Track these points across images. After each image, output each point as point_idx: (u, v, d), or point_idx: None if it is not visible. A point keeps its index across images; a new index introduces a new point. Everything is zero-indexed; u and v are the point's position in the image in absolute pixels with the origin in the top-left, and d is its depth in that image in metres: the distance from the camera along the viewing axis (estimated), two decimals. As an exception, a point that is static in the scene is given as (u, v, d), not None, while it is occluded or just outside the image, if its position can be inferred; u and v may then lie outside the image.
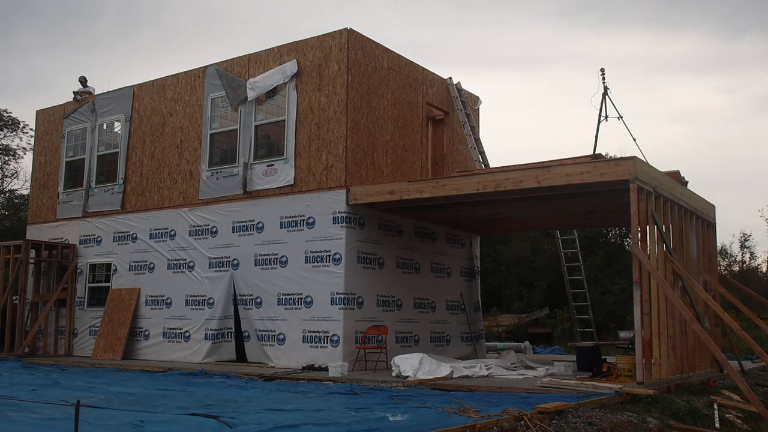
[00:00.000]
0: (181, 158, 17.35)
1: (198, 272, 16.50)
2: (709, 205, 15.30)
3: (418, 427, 7.46)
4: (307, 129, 15.15)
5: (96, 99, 19.48)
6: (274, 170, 15.57)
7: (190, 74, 17.51)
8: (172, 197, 17.36)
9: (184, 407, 8.96)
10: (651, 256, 11.23)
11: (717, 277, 15.33)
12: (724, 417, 9.40)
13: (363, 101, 15.09)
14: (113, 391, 10.93)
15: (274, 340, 15.00)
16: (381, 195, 14.11)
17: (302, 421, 7.74)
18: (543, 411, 8.17)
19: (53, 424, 7.65)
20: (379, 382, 11.92)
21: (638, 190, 11.08)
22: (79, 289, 19.00)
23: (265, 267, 15.38)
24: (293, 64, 15.49)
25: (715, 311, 12.34)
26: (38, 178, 20.68)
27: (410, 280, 16.10)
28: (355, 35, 15.06)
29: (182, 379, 13.11)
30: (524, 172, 12.48)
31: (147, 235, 17.65)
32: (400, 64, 16.38)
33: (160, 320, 17.00)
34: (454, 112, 17.94)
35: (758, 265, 38.55)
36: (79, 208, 19.29)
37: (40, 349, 18.94)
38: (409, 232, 16.24)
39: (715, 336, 14.08)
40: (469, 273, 18.37)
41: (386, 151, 15.64)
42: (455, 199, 13.57)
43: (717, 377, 12.77)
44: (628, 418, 8.55)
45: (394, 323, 15.36)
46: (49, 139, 20.52)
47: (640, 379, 10.64)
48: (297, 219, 15.04)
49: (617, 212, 14.27)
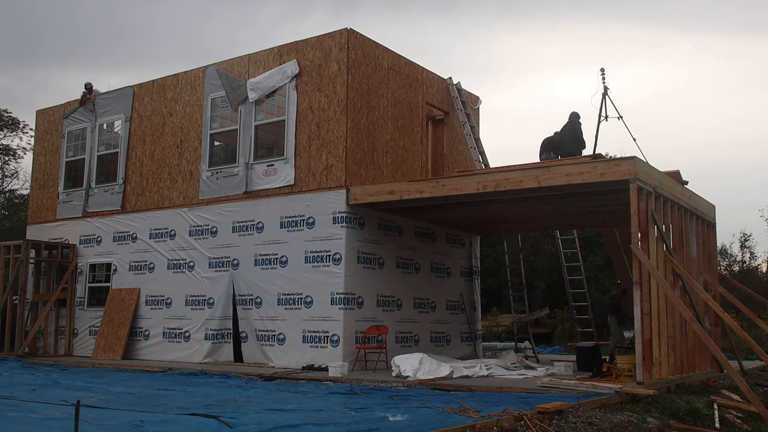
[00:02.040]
0: (181, 158, 17.35)
1: (198, 272, 16.50)
2: (709, 205, 15.31)
3: (418, 427, 7.46)
4: (307, 129, 15.15)
5: (96, 99, 19.49)
6: (274, 170, 15.57)
7: (190, 74, 17.51)
8: (172, 197, 17.36)
9: (184, 407, 8.95)
10: (651, 256, 11.23)
11: (717, 277, 15.33)
12: (724, 417, 9.40)
13: (363, 101, 15.09)
14: (113, 391, 10.93)
15: (274, 340, 15.00)
16: (381, 195, 14.11)
17: (302, 421, 7.74)
18: (543, 411, 8.18)
19: (53, 424, 7.65)
20: (379, 382, 11.92)
21: (638, 190, 11.08)
22: (79, 289, 19.00)
23: (265, 267, 15.38)
24: (294, 64, 15.49)
25: (715, 311, 12.35)
26: (38, 178, 20.68)
27: (410, 280, 16.09)
28: (355, 35, 15.05)
29: (182, 379, 13.11)
30: (524, 172, 12.48)
31: (147, 235, 17.65)
32: (400, 64, 16.38)
33: (160, 320, 17.00)
34: (454, 112, 17.93)
35: (758, 265, 38.59)
36: (79, 208, 19.28)
37: (40, 349, 18.94)
38: (409, 232, 16.24)
39: (715, 336, 14.08)
40: (469, 273, 18.37)
41: (386, 151, 15.64)
42: (455, 199, 13.57)
43: (717, 377, 12.77)
44: (628, 418, 8.55)
45: (394, 323, 15.35)
46: (49, 139, 20.52)
47: (640, 379, 10.64)
48: (297, 219, 15.04)
49: (617, 212, 14.26)
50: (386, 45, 15.94)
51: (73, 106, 20.03)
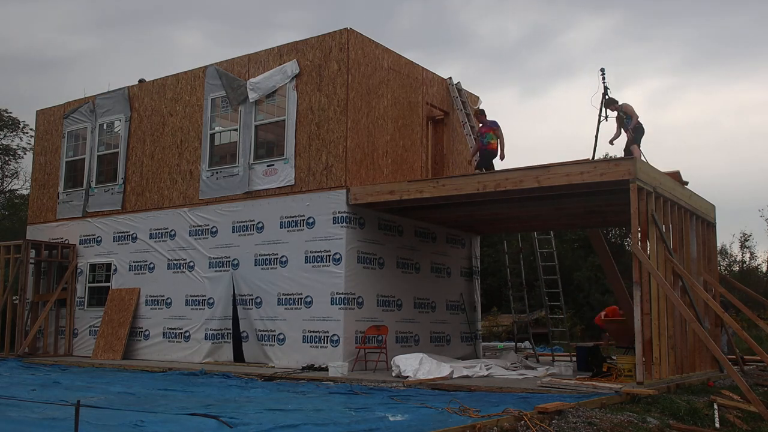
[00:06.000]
0: (181, 158, 17.35)
1: (198, 272, 16.50)
2: (709, 205, 15.31)
3: (418, 427, 7.46)
4: (307, 129, 15.15)
5: (96, 99, 19.48)
6: (274, 170, 15.57)
7: (190, 74, 17.51)
8: (172, 197, 17.36)
9: (184, 407, 8.95)
10: (651, 256, 11.23)
11: (717, 277, 15.33)
12: (724, 417, 9.39)
13: (363, 101, 15.09)
14: (113, 391, 10.93)
15: (274, 340, 15.00)
16: (381, 195, 14.11)
17: (302, 421, 7.74)
18: (543, 411, 8.17)
19: (53, 424, 7.64)
20: (379, 382, 11.93)
21: (638, 190, 11.08)
22: (79, 289, 19.00)
23: (265, 267, 15.38)
24: (294, 65, 15.49)
25: (715, 311, 12.35)
26: (38, 178, 20.67)
27: (410, 280, 16.09)
28: (355, 35, 15.05)
29: (182, 379, 13.11)
30: (524, 172, 12.48)
31: (147, 235, 17.65)
32: (400, 64, 16.38)
33: (160, 320, 17.00)
34: (454, 112, 17.93)
35: (758, 265, 38.60)
36: (79, 208, 19.28)
37: (40, 349, 18.94)
38: (409, 232, 16.24)
39: (715, 336, 14.08)
40: (469, 273, 18.37)
41: (386, 151, 15.64)
42: (455, 199, 13.57)
43: (717, 377, 12.77)
44: (628, 418, 8.55)
45: (394, 323, 15.35)
46: (49, 139, 20.52)
47: (640, 379, 10.64)
48: (297, 219, 15.03)
49: (617, 212, 14.26)
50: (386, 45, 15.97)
51: (73, 106, 20.03)
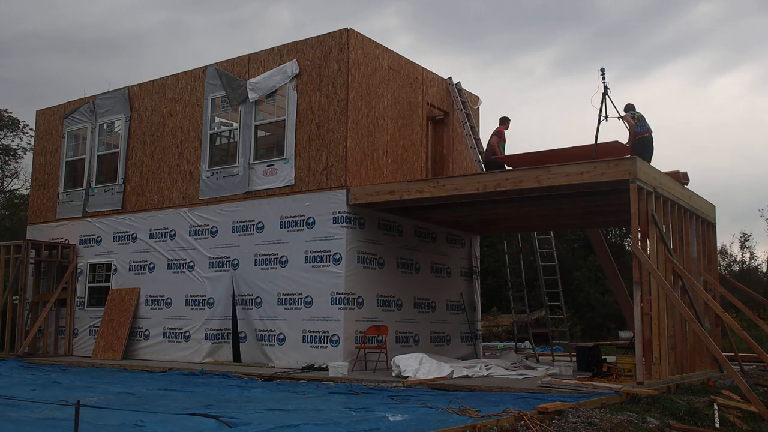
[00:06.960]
0: (181, 158, 17.34)
1: (198, 272, 16.50)
2: (709, 205, 15.31)
3: (418, 427, 7.46)
4: (307, 129, 15.15)
5: (96, 99, 19.48)
6: (274, 170, 15.57)
7: (190, 74, 17.51)
8: (172, 197, 17.35)
9: (184, 407, 8.95)
10: (651, 256, 11.23)
11: (717, 277, 15.34)
12: (724, 417, 9.39)
13: (363, 101, 15.09)
14: (113, 391, 10.93)
15: (274, 340, 15.00)
16: (381, 195, 14.11)
17: (302, 421, 7.74)
18: (543, 411, 8.17)
19: (53, 424, 7.65)
20: (379, 382, 11.92)
21: (638, 190, 11.09)
22: (79, 289, 18.99)
23: (265, 267, 15.38)
24: (294, 64, 15.49)
25: (715, 311, 12.35)
26: (38, 178, 20.67)
27: (410, 280, 16.09)
28: (355, 35, 15.05)
29: (182, 379, 13.11)
30: (524, 172, 12.48)
31: (147, 235, 17.65)
32: (400, 64, 16.38)
33: (160, 320, 17.00)
34: (454, 112, 17.93)
35: (758, 265, 38.58)
36: (79, 208, 19.28)
37: (40, 349, 18.94)
38: (409, 232, 16.24)
39: (715, 336, 14.08)
40: (469, 273, 18.37)
41: (386, 151, 15.64)
42: (455, 199, 13.57)
43: (717, 377, 12.77)
44: (628, 418, 8.55)
45: (394, 323, 15.35)
46: (49, 139, 20.52)
47: (640, 379, 10.64)
48: (297, 219, 15.03)
49: (617, 212, 14.26)
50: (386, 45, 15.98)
51: (73, 106, 20.03)
